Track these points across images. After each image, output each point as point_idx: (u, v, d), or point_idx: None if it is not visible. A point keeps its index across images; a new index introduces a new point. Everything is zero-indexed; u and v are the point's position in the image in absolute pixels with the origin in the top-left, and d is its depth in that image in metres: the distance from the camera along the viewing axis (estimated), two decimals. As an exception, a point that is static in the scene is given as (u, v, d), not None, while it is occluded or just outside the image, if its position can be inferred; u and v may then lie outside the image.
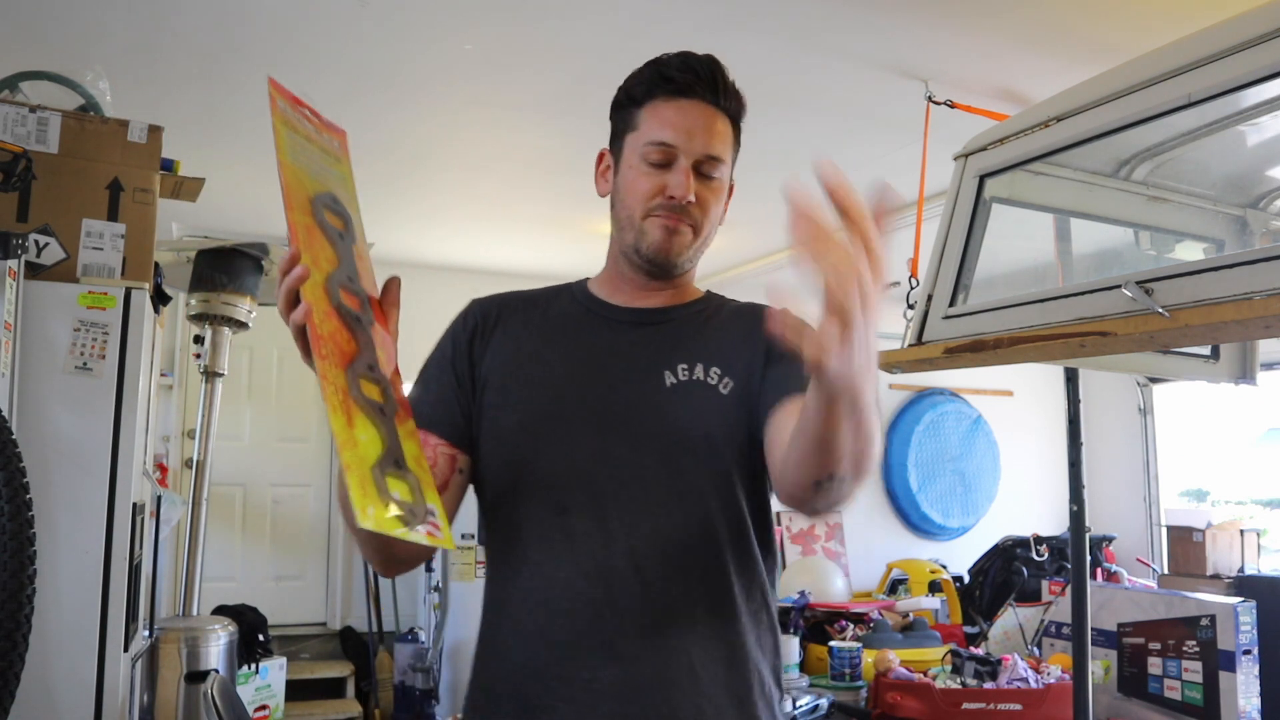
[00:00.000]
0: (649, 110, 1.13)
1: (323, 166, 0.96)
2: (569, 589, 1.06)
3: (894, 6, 2.39)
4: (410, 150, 3.52)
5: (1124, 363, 1.91)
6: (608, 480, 1.08)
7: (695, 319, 1.20)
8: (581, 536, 1.07)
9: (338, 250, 0.92)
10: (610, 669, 1.03)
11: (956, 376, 6.08)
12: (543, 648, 1.06)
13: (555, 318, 1.21)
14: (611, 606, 1.05)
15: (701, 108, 1.12)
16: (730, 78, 1.16)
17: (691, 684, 1.05)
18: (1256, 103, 1.42)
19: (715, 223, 1.17)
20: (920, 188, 2.78)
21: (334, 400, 0.83)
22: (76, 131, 2.05)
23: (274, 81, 0.94)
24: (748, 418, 1.11)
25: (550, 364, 1.15)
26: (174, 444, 4.60)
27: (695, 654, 1.06)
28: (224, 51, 2.69)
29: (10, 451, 1.54)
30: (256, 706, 3.60)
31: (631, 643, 1.04)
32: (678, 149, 1.11)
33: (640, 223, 1.14)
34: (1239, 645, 2.27)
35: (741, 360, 1.14)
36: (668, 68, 1.13)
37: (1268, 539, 5.23)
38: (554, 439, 1.10)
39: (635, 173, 1.14)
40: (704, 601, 1.08)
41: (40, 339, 1.88)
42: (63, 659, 1.82)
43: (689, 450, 1.09)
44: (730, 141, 1.16)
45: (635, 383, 1.12)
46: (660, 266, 1.15)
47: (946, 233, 1.78)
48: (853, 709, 2.88)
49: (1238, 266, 1.21)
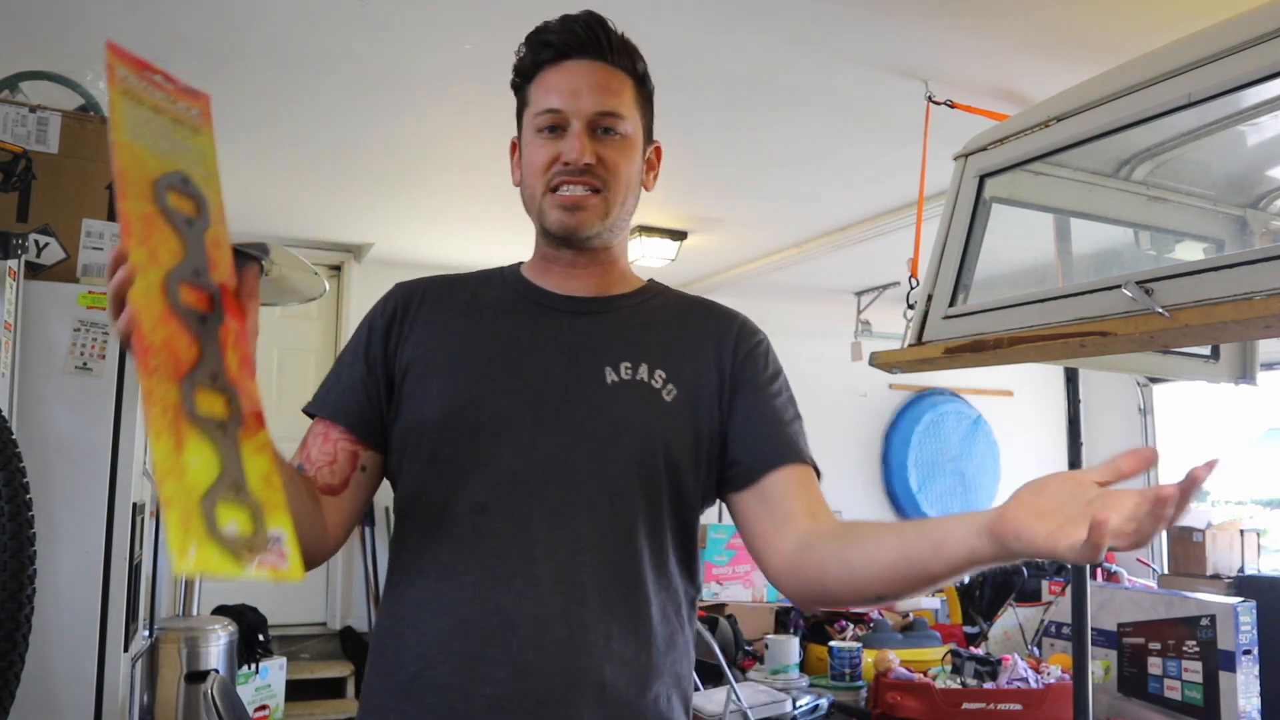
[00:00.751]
0: (537, 82, 1.09)
1: (174, 141, 0.84)
2: (477, 595, 0.98)
3: (894, 6, 2.39)
4: (410, 150, 3.52)
5: (1124, 363, 1.90)
6: (533, 478, 1.00)
7: (637, 312, 1.12)
8: (497, 538, 0.99)
9: (185, 239, 0.80)
10: (515, 683, 0.95)
11: (956, 376, 6.08)
12: (442, 658, 0.98)
13: (485, 303, 1.13)
14: (522, 616, 0.96)
15: (587, 65, 1.06)
16: (617, 31, 1.09)
17: (599, 704, 0.97)
18: (1256, 103, 1.42)
19: (631, 183, 1.09)
20: (920, 188, 2.78)
21: (160, 422, 0.72)
22: (76, 131, 2.05)
23: (113, 46, 0.81)
24: (692, 431, 1.04)
25: (476, 352, 1.07)
26: (174, 444, 4.60)
27: (606, 672, 0.98)
28: (224, 52, 2.69)
29: (10, 451, 1.54)
30: (256, 706, 3.60)
31: (540, 656, 0.96)
32: (566, 112, 1.05)
33: (540, 200, 1.08)
34: (1239, 645, 2.27)
35: (689, 369, 1.07)
36: (546, 33, 1.08)
37: (1268, 539, 5.23)
38: (477, 430, 1.02)
39: (531, 147, 1.08)
40: (619, 618, 0.99)
41: (40, 339, 1.88)
42: (63, 659, 1.82)
43: (624, 453, 1.01)
44: (630, 96, 1.09)
45: (573, 376, 1.04)
46: (571, 240, 1.08)
47: (946, 233, 1.78)
48: (853, 709, 2.88)
49: (1238, 266, 1.21)
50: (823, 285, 5.45)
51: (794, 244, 4.73)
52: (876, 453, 6.17)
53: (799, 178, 3.73)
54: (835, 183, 3.77)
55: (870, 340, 5.21)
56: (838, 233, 4.42)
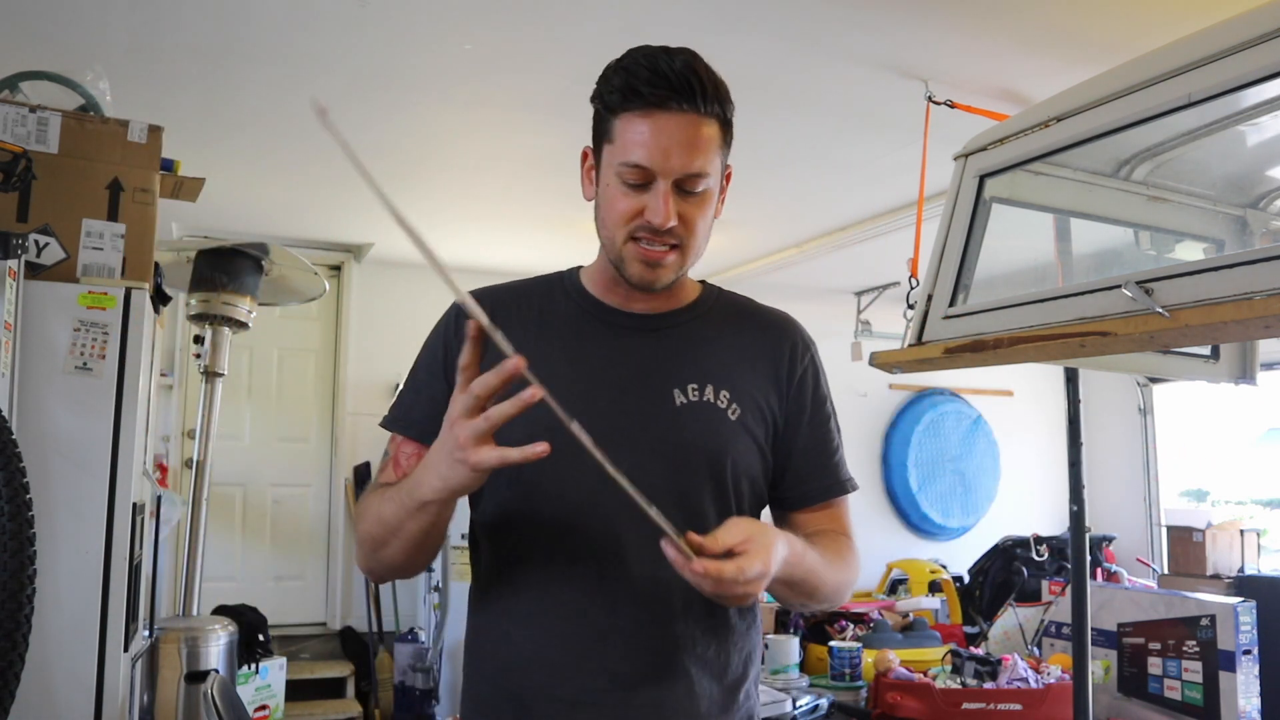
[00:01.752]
0: (622, 123, 1.05)
1: None
2: (573, 610, 1.05)
3: (894, 6, 2.39)
4: (410, 150, 3.52)
5: (1124, 363, 1.90)
6: (613, 500, 1.02)
7: (699, 326, 1.17)
8: (586, 558, 1.06)
9: None
10: (612, 694, 1.03)
11: (956, 376, 6.08)
12: (543, 668, 1.05)
13: (553, 319, 1.16)
14: (613, 630, 1.04)
15: (677, 119, 1.02)
16: (709, 76, 1.06)
17: (691, 705, 1.06)
18: (1256, 103, 1.42)
19: (705, 234, 1.11)
20: (920, 188, 2.78)
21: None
22: (76, 131, 2.05)
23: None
24: (753, 446, 1.12)
25: (554, 375, 1.08)
26: (174, 444, 4.60)
27: (694, 674, 1.06)
28: (224, 52, 2.69)
29: (10, 451, 1.53)
30: (256, 706, 3.60)
31: (632, 665, 1.04)
32: (655, 171, 1.03)
33: (620, 248, 1.08)
34: (1239, 645, 2.27)
35: (750, 389, 1.14)
36: (637, 79, 1.03)
37: (1268, 539, 5.23)
38: (559, 455, 1.03)
39: (613, 191, 1.07)
40: (702, 624, 1.08)
41: (40, 339, 1.88)
42: (63, 659, 1.82)
43: (696, 472, 1.08)
44: (716, 145, 1.07)
45: (644, 398, 1.10)
46: (646, 290, 1.11)
47: (946, 233, 1.78)
48: (853, 709, 2.88)
49: (1238, 266, 1.21)
50: (823, 285, 5.45)
51: (794, 244, 4.73)
52: (876, 453, 6.17)
53: (799, 178, 3.73)
54: (835, 183, 3.77)
55: (870, 340, 5.21)
56: (838, 233, 4.42)
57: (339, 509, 5.10)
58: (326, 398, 5.25)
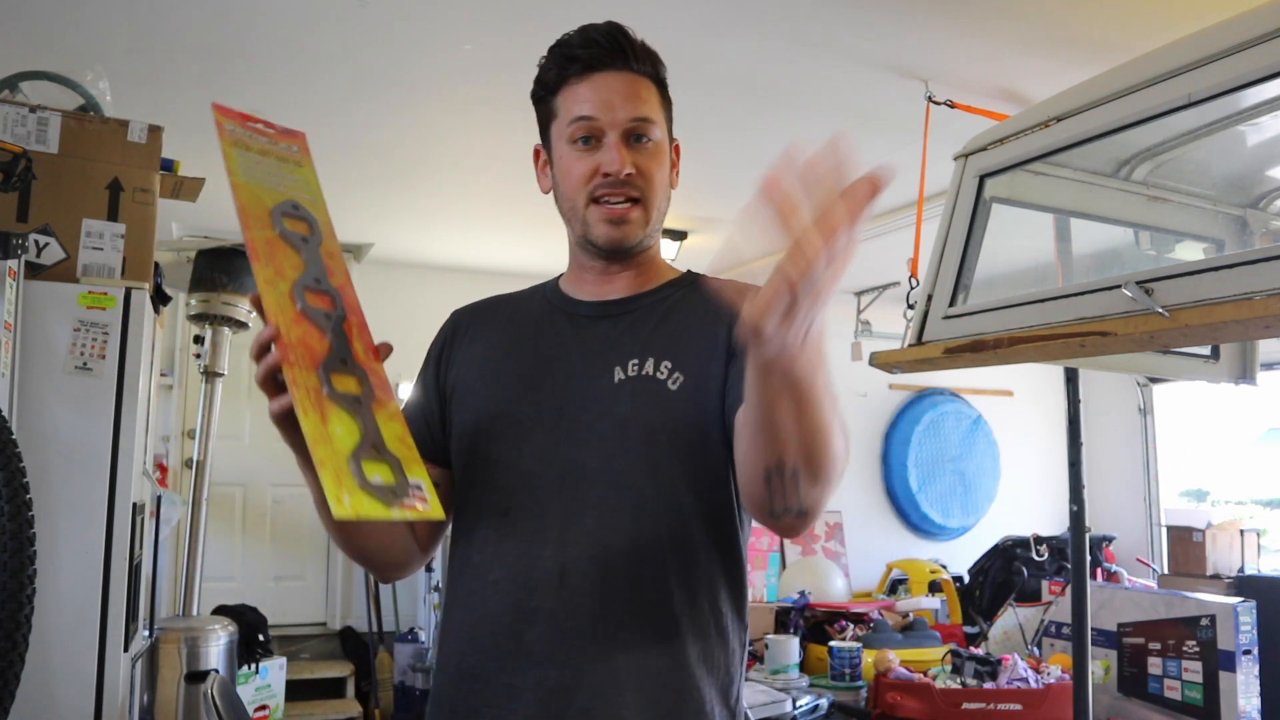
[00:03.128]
0: (564, 94, 1.10)
1: (281, 175, 1.01)
2: (497, 591, 1.05)
3: (894, 6, 2.39)
4: (410, 150, 3.52)
5: (1124, 363, 1.91)
6: (549, 479, 1.06)
7: (658, 307, 1.14)
8: (516, 538, 1.05)
9: (303, 254, 0.97)
10: (531, 674, 1.01)
11: (956, 376, 6.08)
12: (471, 651, 1.06)
13: (521, 319, 1.19)
14: (536, 610, 1.02)
15: (615, 76, 1.09)
16: (637, 38, 1.12)
17: (612, 694, 0.99)
18: (1256, 103, 1.42)
19: (664, 188, 1.12)
20: (920, 188, 2.78)
21: (305, 403, 0.85)
22: (76, 131, 2.05)
23: (219, 106, 0.98)
24: (698, 414, 1.05)
25: (506, 365, 1.14)
26: (174, 444, 4.60)
27: (620, 662, 1.00)
28: (224, 51, 2.69)
29: (10, 451, 1.53)
30: (256, 706, 3.61)
31: (553, 648, 1.01)
32: (601, 122, 1.07)
33: (584, 211, 1.09)
34: (1239, 645, 2.27)
35: (694, 353, 1.08)
36: (571, 47, 1.10)
37: (1268, 539, 5.23)
38: (502, 439, 1.09)
39: (567, 159, 1.10)
40: (634, 608, 1.02)
41: (40, 339, 1.88)
42: (63, 659, 1.82)
43: (628, 448, 1.05)
44: (656, 101, 1.12)
45: (586, 379, 1.09)
46: (617, 253, 1.12)
47: (946, 233, 1.78)
48: (853, 709, 2.88)
49: (1238, 266, 1.21)
50: (823, 285, 5.44)
51: (794, 244, 4.72)
52: (876, 453, 6.17)
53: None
54: (835, 183, 3.76)
55: (870, 340, 5.21)
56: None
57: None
58: (326, 398, 5.25)
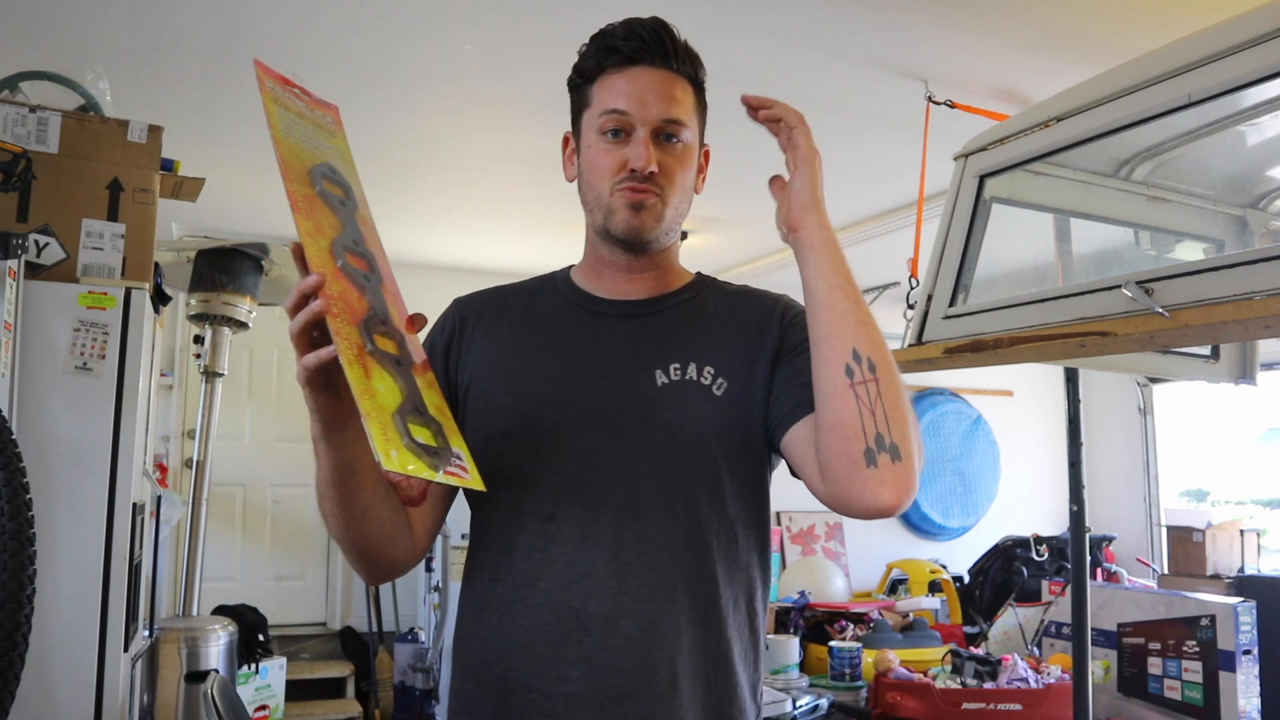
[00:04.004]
0: (600, 84, 1.10)
1: (317, 140, 0.98)
2: (549, 598, 1.03)
3: (894, 6, 2.39)
4: (410, 150, 3.52)
5: (1124, 363, 1.91)
6: (596, 484, 1.05)
7: (686, 310, 1.15)
8: (565, 543, 1.04)
9: (340, 216, 0.95)
10: (589, 680, 1.01)
11: (956, 376, 6.07)
12: (523, 659, 1.03)
13: (540, 314, 1.17)
14: (592, 616, 1.02)
15: (653, 73, 1.09)
16: (681, 38, 1.11)
17: (671, 696, 1.02)
18: (1256, 103, 1.42)
19: (686, 190, 1.12)
20: (920, 188, 2.78)
21: (349, 355, 0.84)
22: (76, 131, 2.05)
23: (260, 63, 0.95)
24: (745, 420, 1.08)
25: (535, 365, 1.11)
26: (174, 444, 4.60)
27: (678, 665, 1.02)
28: (224, 51, 2.69)
29: (10, 451, 1.53)
30: (256, 706, 3.61)
31: (611, 654, 1.01)
32: (632, 118, 1.07)
33: (607, 200, 1.09)
34: (1239, 645, 2.27)
35: (738, 360, 1.10)
36: (613, 38, 1.10)
37: (1268, 539, 5.22)
38: (542, 443, 1.07)
39: (595, 150, 1.10)
40: (689, 612, 1.04)
41: (40, 339, 1.88)
42: (63, 659, 1.82)
43: (680, 454, 1.05)
44: (691, 104, 1.12)
45: (625, 382, 1.08)
46: (634, 244, 1.11)
47: (946, 233, 1.78)
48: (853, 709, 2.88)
49: (1238, 266, 1.21)
50: (823, 285, 5.44)
51: (794, 244, 4.72)
52: (876, 453, 6.16)
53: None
54: (835, 183, 3.74)
55: (870, 340, 5.20)
56: (838, 232, 4.41)
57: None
58: (326, 397, 5.25)
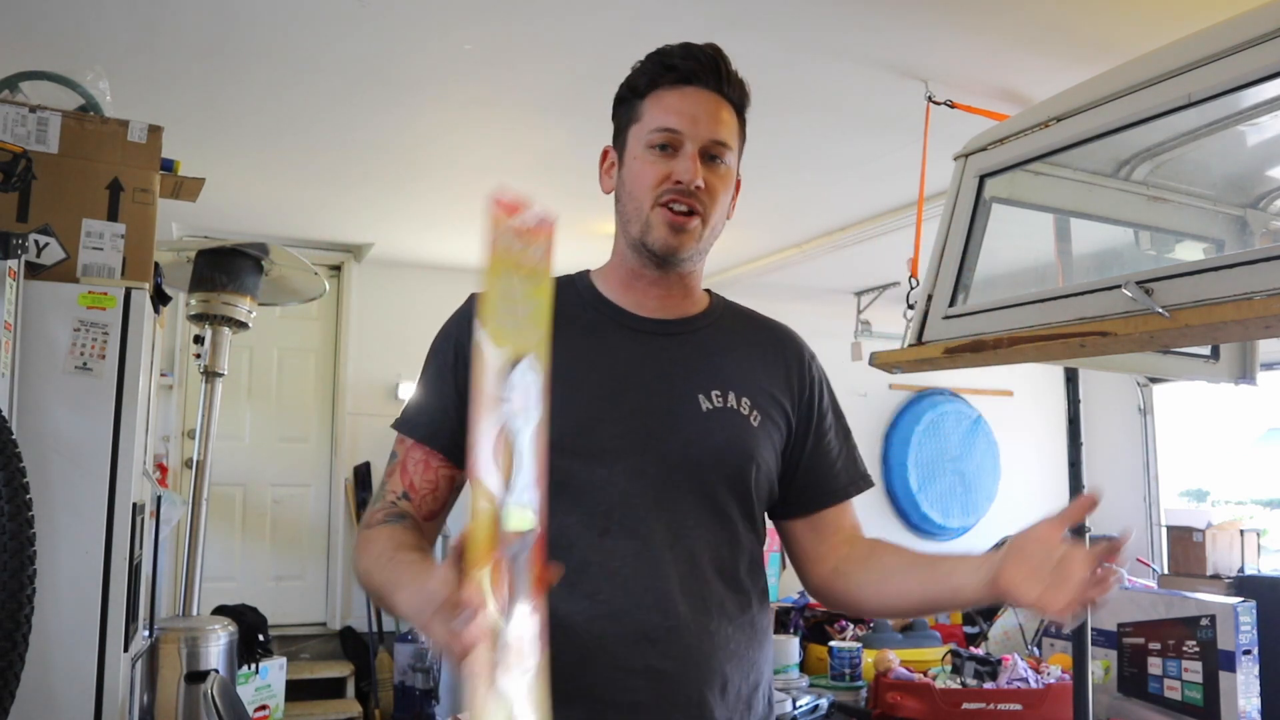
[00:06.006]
0: (653, 100, 1.12)
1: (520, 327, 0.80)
2: (612, 611, 1.05)
3: (894, 6, 2.39)
4: (410, 149, 3.52)
5: (1124, 363, 1.90)
6: (648, 501, 1.07)
7: (714, 333, 1.20)
8: (624, 558, 1.06)
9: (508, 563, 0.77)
10: (658, 689, 1.04)
11: (956, 376, 6.07)
12: (587, 672, 1.05)
13: (573, 323, 1.14)
14: (655, 627, 1.05)
15: (706, 95, 1.12)
16: (733, 67, 1.16)
17: (723, 700, 1.08)
18: (1256, 103, 1.42)
19: (723, 213, 1.15)
20: (920, 188, 2.78)
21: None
22: (76, 131, 2.05)
23: (499, 202, 0.76)
24: (769, 451, 1.15)
25: (577, 378, 1.10)
26: (174, 444, 4.60)
27: (728, 671, 1.09)
28: (223, 51, 2.69)
29: (10, 451, 1.53)
30: (256, 706, 3.61)
31: (675, 663, 1.05)
32: (683, 134, 1.09)
33: (648, 213, 1.11)
34: (1239, 645, 2.27)
35: (766, 395, 1.16)
36: (670, 56, 1.13)
37: (1268, 539, 5.23)
38: (588, 459, 1.07)
39: (641, 162, 1.11)
40: (734, 620, 1.10)
41: (40, 339, 1.88)
42: (63, 659, 1.82)
43: (722, 476, 1.11)
44: (736, 130, 1.15)
45: (671, 401, 1.11)
46: (668, 260, 1.13)
47: (946, 233, 1.78)
48: (853, 709, 2.88)
49: (1238, 266, 1.21)
50: (823, 285, 5.44)
51: (794, 244, 4.72)
52: (876, 453, 6.17)
53: (799, 178, 3.73)
54: (835, 183, 3.77)
55: (870, 340, 5.20)
56: (838, 233, 4.42)
57: (339, 509, 5.10)
58: (326, 398, 5.25)
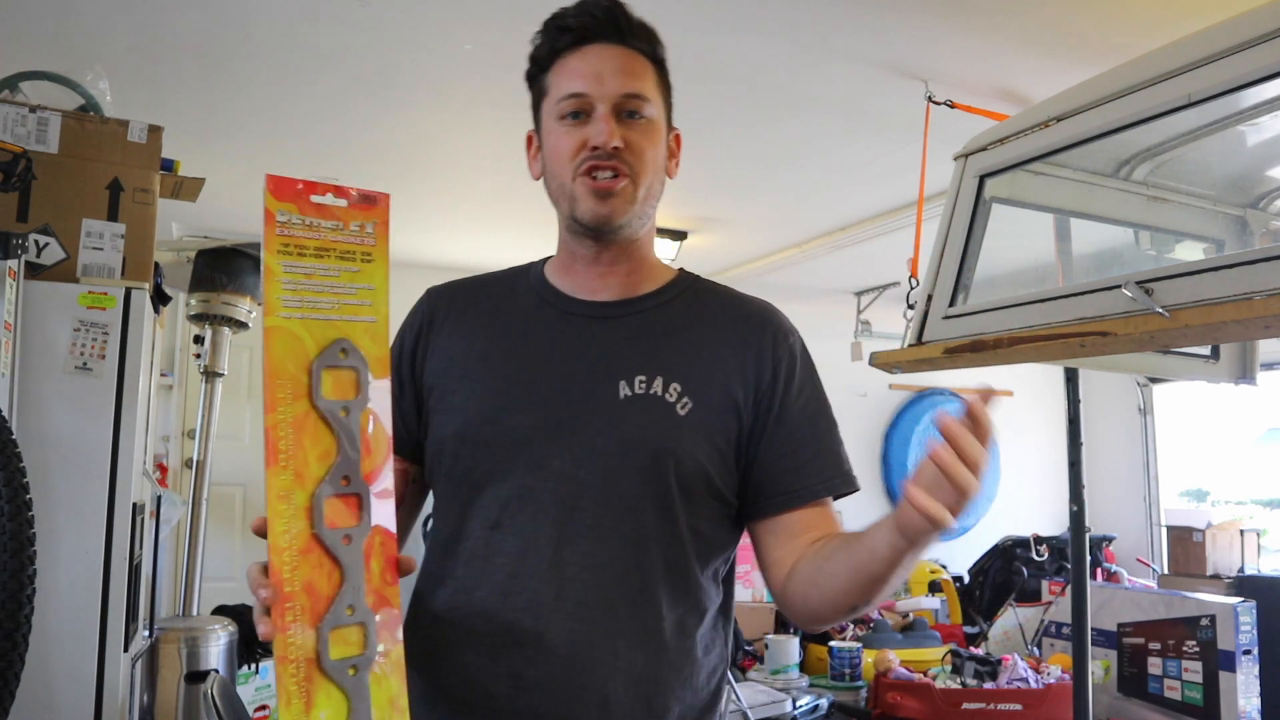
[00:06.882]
0: (556, 68, 1.05)
1: (340, 286, 0.81)
2: (484, 610, 0.99)
3: (894, 6, 2.39)
4: (410, 150, 3.52)
5: (1124, 363, 1.91)
6: (544, 495, 0.99)
7: (661, 315, 1.09)
8: (507, 555, 0.99)
9: (336, 431, 0.77)
10: (518, 698, 0.96)
11: (956, 376, 6.07)
12: (453, 670, 1.00)
13: (509, 311, 1.11)
14: (525, 633, 0.97)
15: (609, 49, 1.04)
16: (635, 16, 1.06)
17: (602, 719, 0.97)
18: (1256, 103, 1.42)
19: (657, 171, 1.06)
20: (920, 188, 2.78)
21: (291, 685, 0.72)
22: (76, 131, 2.05)
23: (274, 179, 0.76)
24: (706, 443, 1.02)
25: (494, 366, 1.06)
26: (174, 444, 4.60)
27: (610, 690, 0.97)
28: (224, 51, 2.69)
29: (10, 451, 1.54)
30: (256, 706, 3.60)
31: (542, 673, 0.96)
32: (591, 96, 1.02)
33: (571, 186, 1.03)
34: (1239, 645, 2.27)
35: (714, 382, 1.04)
36: (563, 18, 1.05)
37: (1268, 539, 5.23)
38: (494, 448, 1.02)
39: (555, 136, 1.04)
40: (626, 635, 0.98)
41: (40, 339, 1.88)
42: (63, 659, 1.82)
43: (632, 470, 0.99)
44: (652, 79, 1.06)
45: (587, 391, 1.02)
46: (604, 231, 1.04)
47: (946, 233, 1.78)
48: (853, 709, 2.88)
49: (1238, 266, 1.21)
50: (823, 285, 5.45)
51: (794, 244, 4.73)
52: (876, 453, 6.17)
53: (799, 178, 3.73)
54: (835, 183, 3.77)
55: (870, 340, 5.21)
56: (838, 233, 4.42)
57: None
58: (326, 398, 5.25)
